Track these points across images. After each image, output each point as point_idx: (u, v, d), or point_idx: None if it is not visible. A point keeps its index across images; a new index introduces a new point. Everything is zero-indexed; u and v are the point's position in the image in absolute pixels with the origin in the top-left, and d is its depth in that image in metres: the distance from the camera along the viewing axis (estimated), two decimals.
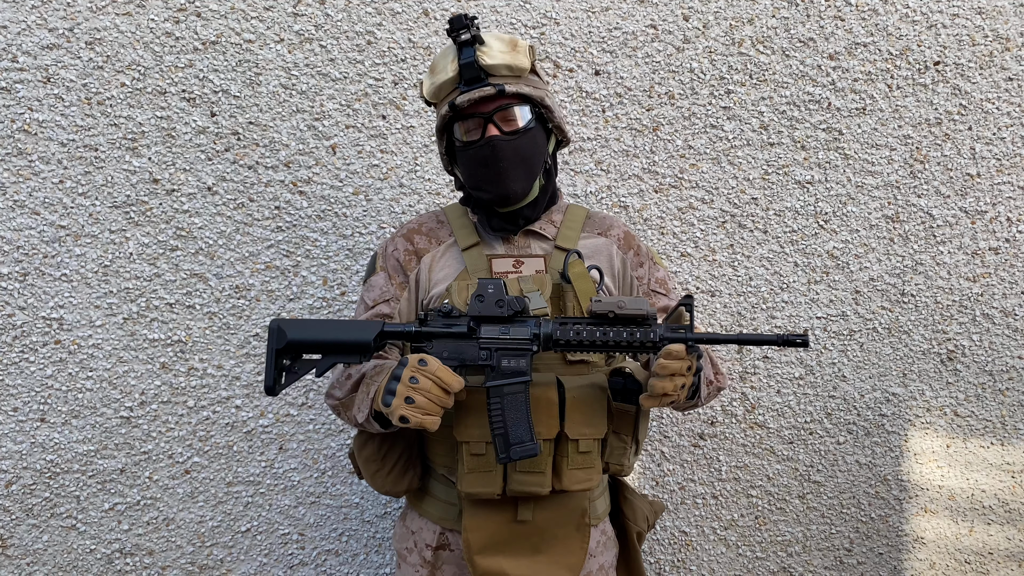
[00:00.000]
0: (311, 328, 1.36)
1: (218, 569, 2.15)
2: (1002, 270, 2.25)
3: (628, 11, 2.14)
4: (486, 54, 1.38)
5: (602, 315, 1.31)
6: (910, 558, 2.33)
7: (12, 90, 1.97)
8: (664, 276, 1.60)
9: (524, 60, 1.40)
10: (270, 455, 2.14)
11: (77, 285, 2.03)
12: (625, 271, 1.56)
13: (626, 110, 2.16)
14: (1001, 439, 2.29)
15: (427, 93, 1.45)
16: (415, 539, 1.55)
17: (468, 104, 1.39)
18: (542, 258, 1.50)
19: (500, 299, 1.33)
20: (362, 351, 1.34)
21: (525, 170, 1.44)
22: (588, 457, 1.41)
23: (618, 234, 1.58)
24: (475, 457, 1.39)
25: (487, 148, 1.41)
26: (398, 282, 1.53)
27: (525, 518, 1.43)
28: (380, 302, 1.52)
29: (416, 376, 1.26)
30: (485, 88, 1.38)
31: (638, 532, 1.61)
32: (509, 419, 1.32)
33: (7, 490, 2.05)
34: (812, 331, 2.24)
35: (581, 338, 1.31)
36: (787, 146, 2.20)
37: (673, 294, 1.59)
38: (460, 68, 1.38)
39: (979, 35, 2.18)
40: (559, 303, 1.45)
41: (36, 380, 2.03)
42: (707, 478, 2.27)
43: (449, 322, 1.35)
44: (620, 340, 1.30)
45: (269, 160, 2.07)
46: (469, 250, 1.51)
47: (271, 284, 2.09)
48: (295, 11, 2.05)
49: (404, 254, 1.54)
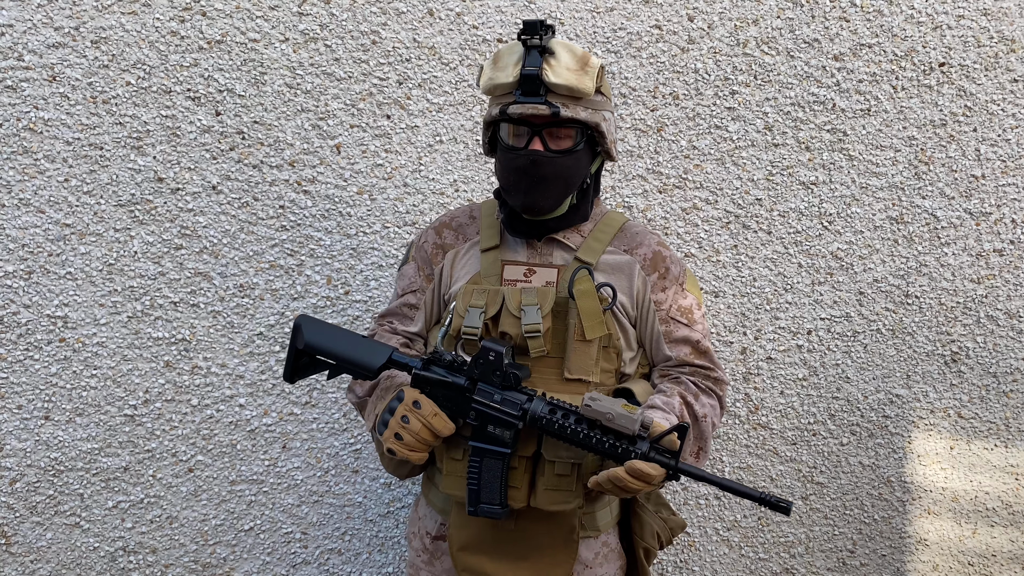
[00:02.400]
0: (328, 337, 1.42)
1: (221, 567, 2.16)
2: (1007, 272, 2.24)
3: (633, 11, 2.14)
4: (552, 69, 1.33)
5: (591, 420, 1.29)
6: (913, 560, 2.33)
7: (18, 88, 1.97)
8: (691, 305, 1.51)
9: (589, 83, 1.34)
10: (273, 454, 2.14)
11: (82, 283, 2.03)
12: (645, 293, 1.48)
13: (631, 110, 2.16)
14: (1005, 441, 2.29)
15: (483, 86, 1.41)
16: (420, 525, 1.58)
17: (519, 116, 1.36)
18: (556, 269, 1.47)
19: (498, 370, 1.34)
20: (367, 373, 1.40)
21: (559, 188, 1.41)
22: (565, 480, 1.38)
23: (646, 253, 1.50)
24: (453, 461, 1.41)
25: (527, 159, 1.38)
26: (425, 274, 1.55)
27: (507, 527, 1.43)
28: (408, 292, 1.56)
29: (408, 416, 1.33)
30: (540, 106, 1.33)
31: (645, 549, 1.55)
32: (484, 480, 1.35)
33: (11, 487, 2.05)
34: (816, 332, 2.24)
35: (564, 433, 1.30)
36: (791, 147, 2.19)
37: (697, 326, 1.51)
38: (521, 77, 1.33)
39: (984, 36, 2.18)
40: (564, 319, 1.41)
41: (40, 378, 2.04)
42: None
43: (451, 372, 1.37)
44: (600, 448, 1.29)
45: (274, 159, 2.07)
46: (488, 252, 1.49)
47: (275, 283, 2.10)
48: (300, 11, 2.05)
49: (432, 247, 1.55)
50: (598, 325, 1.39)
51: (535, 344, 1.38)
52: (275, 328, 2.10)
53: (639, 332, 1.50)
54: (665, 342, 1.49)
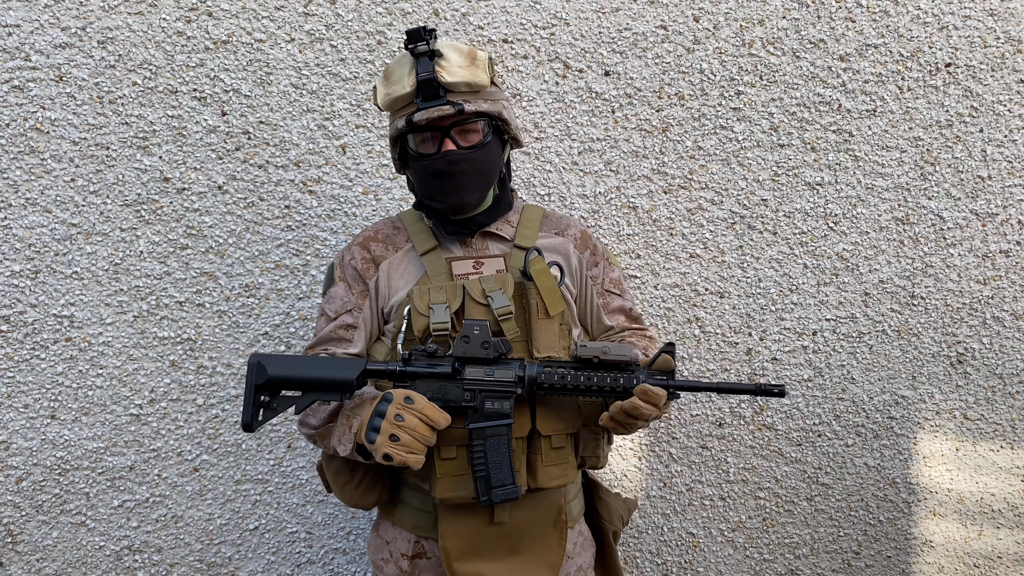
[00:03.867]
0: (292, 364, 1.33)
1: (226, 567, 2.16)
2: (1013, 273, 2.24)
3: (638, 12, 2.14)
4: (445, 70, 1.35)
5: (587, 360, 1.33)
6: (918, 561, 2.32)
7: (25, 89, 1.98)
8: (619, 276, 1.61)
9: (483, 76, 1.38)
10: (278, 453, 2.14)
11: (88, 283, 2.04)
12: (582, 270, 1.57)
13: (636, 111, 2.16)
14: (1011, 442, 2.28)
15: (381, 103, 1.41)
16: (390, 549, 1.53)
17: (427, 121, 1.37)
18: (501, 258, 1.50)
19: (486, 341, 1.34)
20: (344, 389, 1.32)
21: (480, 182, 1.44)
22: (562, 453, 1.43)
23: (575, 233, 1.59)
24: (447, 462, 1.39)
25: (443, 162, 1.40)
26: (359, 291, 1.51)
27: (502, 520, 1.42)
28: (343, 312, 1.50)
29: (402, 414, 1.28)
30: (444, 107, 1.36)
31: (614, 531, 1.62)
32: (491, 461, 1.33)
33: (17, 486, 2.06)
34: (821, 333, 2.24)
35: (565, 382, 1.33)
36: (797, 148, 2.19)
37: (627, 295, 1.62)
38: (418, 84, 1.35)
39: (991, 37, 2.17)
40: (522, 302, 1.44)
41: (47, 377, 2.04)
42: (715, 480, 2.27)
43: (433, 362, 1.36)
44: (604, 385, 1.32)
45: (279, 159, 2.08)
46: (428, 254, 1.50)
47: (280, 283, 2.10)
48: (306, 11, 2.05)
49: (362, 262, 1.52)
50: (558, 301, 1.44)
51: (509, 327, 1.40)
52: (280, 328, 2.11)
53: (579, 307, 1.58)
54: (604, 313, 1.58)
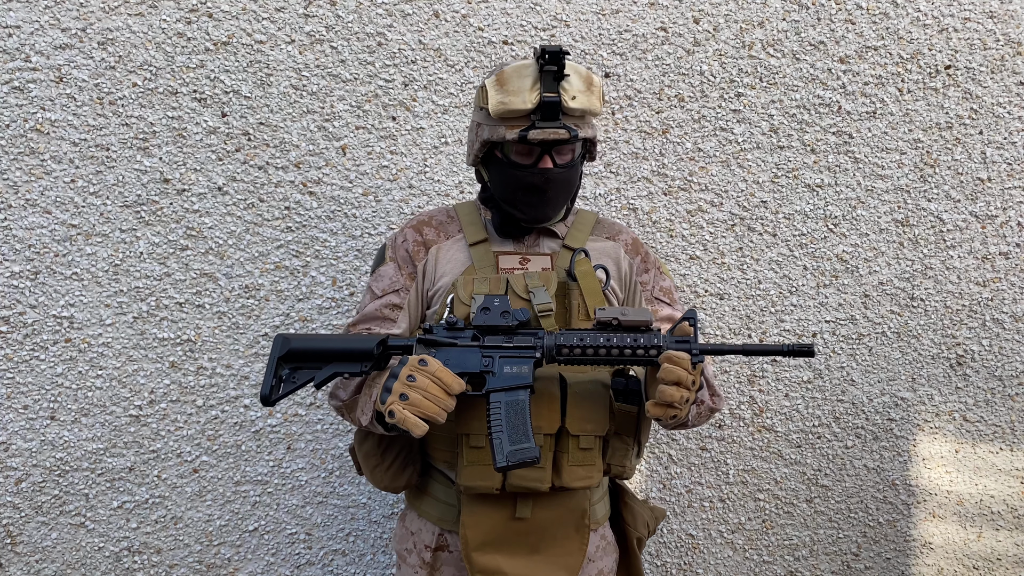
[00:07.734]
0: (312, 339, 1.38)
1: (225, 568, 2.16)
2: (1012, 275, 2.24)
3: (638, 14, 2.14)
4: (568, 94, 1.36)
5: (606, 323, 1.32)
6: (918, 563, 2.32)
7: (25, 89, 1.98)
8: (670, 286, 1.60)
9: (597, 104, 1.40)
10: (278, 455, 2.14)
11: (87, 284, 2.04)
12: (631, 275, 1.57)
13: (636, 113, 2.16)
14: (1010, 444, 2.28)
15: (494, 110, 1.38)
16: (414, 540, 1.55)
17: (539, 140, 1.38)
18: (549, 256, 1.51)
19: (505, 310, 1.34)
20: (363, 359, 1.34)
21: (566, 197, 1.48)
22: (589, 454, 1.41)
23: (626, 239, 1.60)
24: (474, 450, 1.39)
25: (540, 178, 1.42)
26: (407, 272, 1.53)
27: (523, 515, 1.42)
28: (390, 291, 1.52)
29: (414, 375, 1.26)
30: (560, 131, 1.37)
31: (638, 538, 1.60)
32: (508, 424, 1.31)
33: (17, 487, 2.06)
34: (821, 335, 2.24)
35: (585, 344, 1.32)
36: (797, 149, 2.19)
37: (677, 305, 1.60)
38: (542, 104, 1.35)
39: (991, 39, 2.18)
40: (564, 301, 1.45)
41: (46, 378, 2.04)
42: (714, 481, 2.27)
43: (454, 334, 1.36)
44: (624, 346, 1.31)
45: (279, 160, 2.08)
46: (477, 246, 1.51)
47: (280, 284, 2.10)
48: (306, 12, 2.05)
49: (413, 244, 1.54)
50: (600, 303, 1.44)
51: (548, 323, 1.40)
52: (280, 329, 2.10)
53: None
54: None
